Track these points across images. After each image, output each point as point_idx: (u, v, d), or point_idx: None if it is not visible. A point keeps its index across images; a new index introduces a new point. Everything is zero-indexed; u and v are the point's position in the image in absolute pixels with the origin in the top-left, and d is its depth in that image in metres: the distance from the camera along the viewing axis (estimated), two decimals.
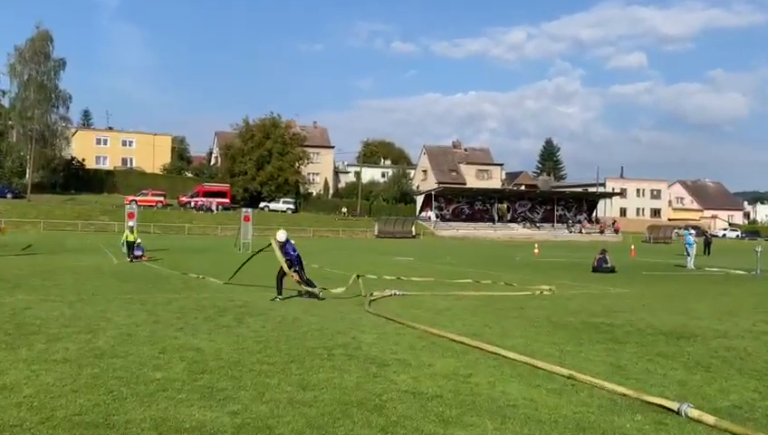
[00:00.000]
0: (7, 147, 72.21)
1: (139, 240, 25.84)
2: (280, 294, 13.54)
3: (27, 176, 70.71)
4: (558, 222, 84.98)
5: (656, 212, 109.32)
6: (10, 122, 73.91)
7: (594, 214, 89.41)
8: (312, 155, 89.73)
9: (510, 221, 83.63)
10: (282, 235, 13.99)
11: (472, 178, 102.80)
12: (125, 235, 26.09)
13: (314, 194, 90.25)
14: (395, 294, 14.51)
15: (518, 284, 18.18)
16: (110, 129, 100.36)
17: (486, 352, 8.45)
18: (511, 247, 51.20)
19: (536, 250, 40.63)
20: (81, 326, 9.67)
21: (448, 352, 8.46)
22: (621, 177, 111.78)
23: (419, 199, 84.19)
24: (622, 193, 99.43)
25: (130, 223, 27.63)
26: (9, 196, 64.75)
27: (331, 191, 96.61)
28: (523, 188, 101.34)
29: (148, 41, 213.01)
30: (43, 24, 73.21)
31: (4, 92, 75.68)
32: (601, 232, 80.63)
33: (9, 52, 72.41)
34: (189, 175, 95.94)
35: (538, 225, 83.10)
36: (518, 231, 79.08)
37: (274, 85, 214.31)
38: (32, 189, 67.39)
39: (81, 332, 9.22)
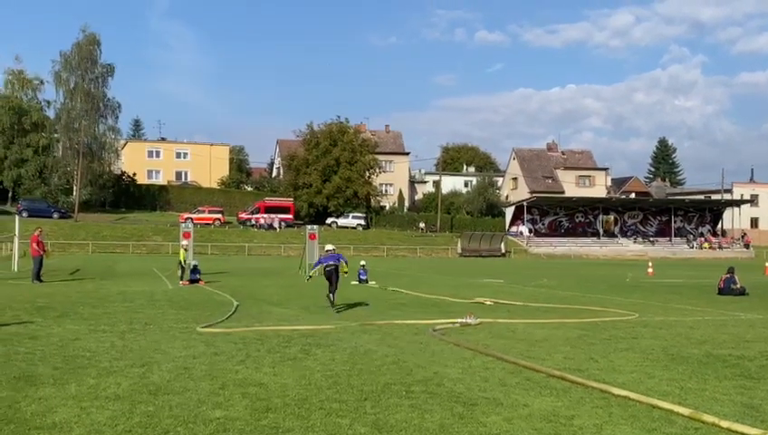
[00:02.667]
0: (53, 162, 75.72)
1: (195, 262, 26.66)
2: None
3: (74, 193, 73.93)
4: (676, 236, 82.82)
5: None
6: (56, 135, 77.62)
7: (719, 226, 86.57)
8: (384, 163, 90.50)
9: (618, 235, 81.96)
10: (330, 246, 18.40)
11: (571, 186, 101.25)
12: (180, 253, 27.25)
13: (387, 207, 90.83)
14: (467, 323, 14.30)
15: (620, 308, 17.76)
16: (163, 139, 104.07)
17: (592, 390, 8.31)
18: (620, 266, 50.08)
19: (650, 269, 39.68)
20: (134, 359, 10.02)
21: (546, 390, 8.35)
22: (751, 181, 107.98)
23: (509, 212, 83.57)
24: (753, 200, 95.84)
25: (183, 242, 28.61)
26: (55, 215, 67.72)
27: (406, 204, 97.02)
28: (632, 196, 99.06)
29: (203, 41, 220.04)
30: (90, 28, 76.87)
31: (49, 102, 79.88)
32: (721, 247, 77.88)
33: (54, 58, 76.26)
34: (249, 189, 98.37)
35: (652, 239, 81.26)
36: (628, 247, 77.46)
37: (341, 86, 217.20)
38: (79, 208, 70.41)
39: (133, 365, 9.56)
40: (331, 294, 17.20)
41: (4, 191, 76.23)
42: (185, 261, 26.42)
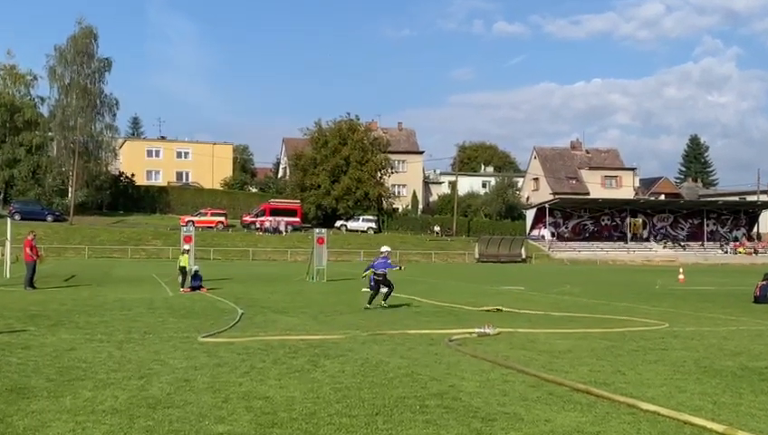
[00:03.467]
0: (47, 162, 76.11)
1: (196, 268, 26.74)
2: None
3: (69, 195, 74.32)
4: (708, 240, 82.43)
5: None
6: (50, 133, 77.98)
7: (755, 229, 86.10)
8: (396, 163, 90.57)
9: (647, 239, 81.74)
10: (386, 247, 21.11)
11: (596, 187, 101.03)
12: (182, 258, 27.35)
13: (400, 210, 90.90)
14: (485, 333, 14.27)
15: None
16: (163, 138, 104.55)
17: (619, 405, 8.28)
18: (648, 272, 49.91)
19: (681, 276, 39.50)
20: (132, 370, 10.06)
21: (570, 405, 8.33)
22: None
23: (530, 214, 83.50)
24: None
25: (186, 246, 28.75)
26: (49, 218, 68.04)
27: (420, 206, 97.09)
28: (662, 197, 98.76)
29: (205, 35, 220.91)
30: (86, 20, 77.10)
31: (42, 99, 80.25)
32: (756, 252, 77.45)
33: (48, 52, 76.57)
34: (253, 190, 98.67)
35: (683, 244, 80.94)
36: (657, 252, 77.25)
37: (351, 81, 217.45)
38: (75, 210, 70.79)
39: (131, 377, 9.59)
40: (377, 299, 19.79)
41: None
42: (186, 266, 26.52)
